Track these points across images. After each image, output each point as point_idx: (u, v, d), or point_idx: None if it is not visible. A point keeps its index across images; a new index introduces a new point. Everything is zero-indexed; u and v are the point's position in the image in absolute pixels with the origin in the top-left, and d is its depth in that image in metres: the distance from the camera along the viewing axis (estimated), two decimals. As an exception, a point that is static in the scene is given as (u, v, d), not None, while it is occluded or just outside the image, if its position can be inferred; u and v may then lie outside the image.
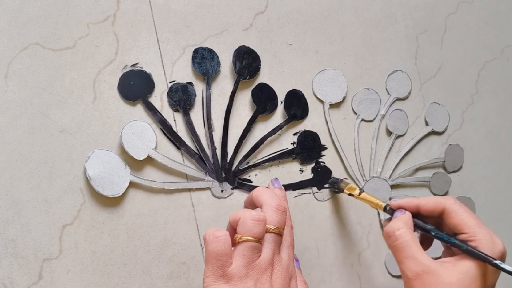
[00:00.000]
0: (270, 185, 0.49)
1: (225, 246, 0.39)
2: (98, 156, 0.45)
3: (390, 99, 0.59)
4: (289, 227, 0.44)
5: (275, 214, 0.41)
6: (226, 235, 0.39)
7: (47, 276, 0.43)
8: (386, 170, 0.58)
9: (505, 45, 0.68)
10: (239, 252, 0.39)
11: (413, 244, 0.43)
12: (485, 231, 0.43)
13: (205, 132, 0.50)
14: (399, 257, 0.44)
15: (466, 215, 0.44)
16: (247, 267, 0.39)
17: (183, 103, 0.49)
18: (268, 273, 0.40)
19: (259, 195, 0.43)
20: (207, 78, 0.50)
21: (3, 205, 0.42)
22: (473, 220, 0.43)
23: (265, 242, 0.40)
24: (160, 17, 0.49)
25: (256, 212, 0.40)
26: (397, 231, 0.44)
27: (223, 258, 0.38)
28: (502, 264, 0.40)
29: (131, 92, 0.47)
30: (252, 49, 0.52)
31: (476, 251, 0.41)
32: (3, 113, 0.43)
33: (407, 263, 0.43)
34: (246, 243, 0.39)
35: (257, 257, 0.39)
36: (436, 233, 0.45)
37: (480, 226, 0.43)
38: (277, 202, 0.42)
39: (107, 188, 0.45)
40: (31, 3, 0.44)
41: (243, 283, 0.38)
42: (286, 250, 0.42)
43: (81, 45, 0.45)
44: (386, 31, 0.60)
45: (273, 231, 0.41)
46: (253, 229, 0.39)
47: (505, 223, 0.66)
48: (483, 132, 0.66)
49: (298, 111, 0.54)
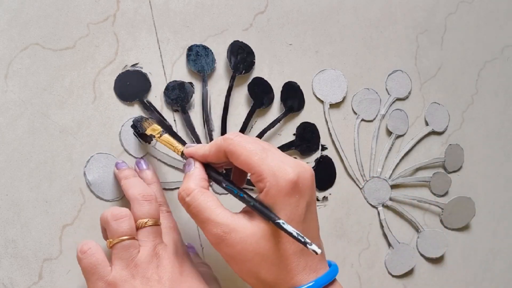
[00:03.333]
0: (136, 169, 0.45)
1: (95, 256, 0.38)
2: (97, 160, 0.45)
3: (390, 99, 0.59)
4: (165, 212, 0.43)
5: (143, 206, 0.40)
6: (93, 246, 0.38)
7: (47, 276, 0.43)
8: (386, 170, 0.58)
9: (505, 45, 0.68)
10: (115, 257, 0.38)
11: (207, 206, 0.37)
12: (268, 166, 0.36)
13: (204, 130, 0.50)
14: (198, 223, 0.38)
15: (247, 153, 0.37)
16: (128, 267, 0.38)
17: (181, 100, 0.49)
18: (154, 264, 0.38)
19: (124, 191, 0.42)
20: (203, 75, 0.50)
21: (3, 205, 0.42)
22: (255, 156, 0.36)
23: (141, 238, 0.39)
24: (160, 17, 0.49)
25: (117, 209, 0.39)
26: (187, 197, 0.38)
27: (99, 269, 0.37)
28: (285, 225, 0.34)
29: (128, 93, 0.47)
30: (246, 43, 0.52)
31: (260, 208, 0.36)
32: (3, 113, 0.43)
33: (207, 228, 0.37)
34: (118, 245, 0.38)
35: (135, 254, 0.38)
36: (227, 185, 0.39)
37: (263, 161, 0.36)
38: (141, 191, 0.40)
39: (107, 193, 0.45)
40: (31, 3, 0.44)
41: (129, 285, 0.37)
42: (168, 236, 0.41)
43: (81, 45, 0.45)
44: (386, 31, 0.60)
45: (146, 225, 0.39)
46: (119, 229, 0.38)
47: (505, 223, 0.66)
48: (483, 132, 0.66)
49: (295, 103, 0.54)
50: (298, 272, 0.36)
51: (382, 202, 0.58)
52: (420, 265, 0.60)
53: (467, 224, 0.63)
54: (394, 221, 0.58)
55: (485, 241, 0.64)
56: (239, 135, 0.38)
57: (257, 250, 0.35)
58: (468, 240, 0.63)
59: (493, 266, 0.65)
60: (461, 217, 0.62)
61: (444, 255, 0.61)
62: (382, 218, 0.58)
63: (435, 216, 0.61)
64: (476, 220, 0.63)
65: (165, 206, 0.44)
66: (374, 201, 0.57)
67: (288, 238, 0.35)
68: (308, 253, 0.36)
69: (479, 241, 0.64)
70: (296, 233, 0.34)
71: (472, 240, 0.63)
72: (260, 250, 0.35)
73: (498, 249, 0.65)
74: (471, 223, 0.63)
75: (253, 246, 0.35)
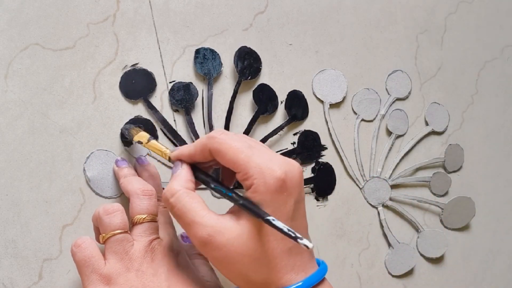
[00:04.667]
0: (136, 166, 0.45)
1: (89, 250, 0.37)
2: (97, 156, 0.45)
3: (390, 99, 0.59)
4: (162, 208, 0.43)
5: (142, 202, 0.40)
6: (88, 240, 0.38)
7: (47, 276, 0.43)
8: (386, 170, 0.58)
9: (505, 45, 0.68)
10: (109, 251, 0.38)
11: (192, 207, 0.36)
12: (255, 164, 0.35)
13: (206, 132, 0.50)
14: (182, 226, 0.37)
15: (232, 151, 0.36)
16: (123, 260, 0.37)
17: (185, 102, 0.49)
18: (148, 258, 0.38)
19: (124, 188, 0.42)
20: (208, 78, 0.50)
21: (3, 205, 0.42)
22: (241, 153, 0.35)
23: (138, 233, 0.39)
24: (160, 17, 0.49)
25: (109, 204, 0.39)
26: (171, 198, 0.37)
27: (92, 262, 0.37)
28: (275, 221, 0.33)
29: (133, 91, 0.47)
30: (253, 49, 0.52)
31: (249, 206, 0.35)
32: (3, 113, 0.43)
33: (192, 231, 0.36)
34: (112, 238, 0.38)
35: (129, 247, 0.38)
36: (215, 185, 0.38)
37: (249, 158, 0.35)
38: (141, 187, 0.40)
39: (106, 190, 0.45)
40: (31, 3, 0.44)
41: (123, 278, 0.37)
42: (164, 231, 0.41)
43: (81, 45, 0.45)
44: (386, 31, 0.60)
45: (144, 221, 0.39)
46: (111, 223, 0.38)
47: (505, 223, 0.66)
48: (483, 132, 0.66)
49: (298, 111, 0.54)
50: (287, 271, 0.35)
51: (382, 202, 0.58)
52: (420, 265, 0.60)
53: (467, 224, 0.63)
54: (394, 221, 0.58)
55: (485, 241, 0.64)
56: (224, 132, 0.37)
57: (245, 251, 0.35)
58: (468, 240, 0.63)
59: (493, 266, 0.65)
60: (461, 217, 0.62)
61: (444, 255, 0.61)
62: (382, 218, 0.58)
63: (435, 216, 0.61)
64: (476, 220, 0.63)
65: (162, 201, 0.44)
66: (374, 201, 0.57)
67: (276, 237, 0.35)
68: (296, 252, 0.36)
69: (479, 241, 0.64)
70: (286, 229, 0.33)
71: (472, 240, 0.63)
72: (248, 251, 0.35)
73: (498, 249, 0.65)
74: (471, 223, 0.63)
75: (240, 248, 0.35)
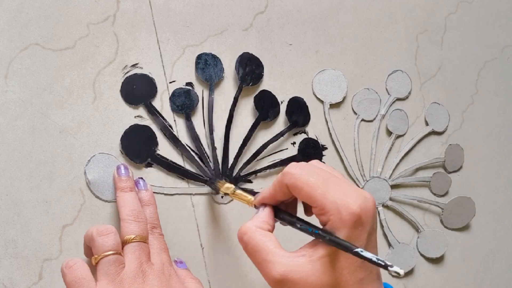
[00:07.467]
0: (135, 188, 0.46)
1: (80, 271, 0.38)
2: (99, 160, 0.45)
3: (390, 99, 0.59)
4: (157, 234, 0.43)
5: (131, 225, 0.41)
6: (79, 262, 0.39)
7: (47, 276, 0.43)
8: (386, 170, 0.58)
9: (505, 45, 0.68)
10: (100, 272, 0.38)
11: (265, 245, 0.36)
12: (331, 200, 0.35)
13: (206, 138, 0.49)
14: (256, 264, 0.37)
15: (308, 187, 0.36)
16: (113, 282, 0.38)
17: (186, 108, 0.48)
18: (139, 280, 0.39)
19: (117, 206, 0.43)
20: (210, 84, 0.50)
21: (3, 205, 0.42)
22: (317, 189, 0.36)
23: (127, 253, 0.40)
24: (160, 17, 0.49)
25: (102, 226, 0.40)
26: (244, 236, 0.37)
27: (83, 283, 0.38)
28: (363, 252, 0.34)
29: (134, 96, 0.47)
30: (255, 56, 0.52)
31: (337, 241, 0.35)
32: (3, 113, 0.43)
33: (265, 270, 0.36)
34: (104, 260, 0.38)
35: (121, 269, 0.39)
36: (301, 225, 0.38)
37: (325, 194, 0.36)
38: (132, 212, 0.41)
39: (106, 193, 0.45)
40: (31, 3, 0.44)
41: None
42: (157, 256, 0.42)
43: (81, 45, 0.45)
44: (386, 31, 0.60)
45: (133, 241, 0.40)
46: (104, 244, 0.39)
47: (505, 223, 0.66)
48: (483, 132, 0.66)
49: (300, 118, 0.54)
50: None
51: (382, 202, 0.58)
52: (420, 265, 0.60)
53: (467, 224, 0.63)
54: (394, 221, 0.58)
55: (485, 241, 0.64)
56: (298, 167, 0.38)
57: (320, 286, 0.35)
58: (468, 240, 0.63)
59: (493, 266, 0.65)
60: (461, 217, 0.62)
61: (444, 255, 0.61)
62: (382, 218, 0.58)
63: (435, 216, 0.61)
64: (476, 220, 0.63)
65: (158, 228, 0.44)
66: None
67: (349, 270, 0.36)
68: (367, 282, 0.37)
69: (479, 241, 0.64)
70: (375, 258, 0.34)
71: (472, 240, 0.63)
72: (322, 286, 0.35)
73: (498, 249, 0.65)
74: (471, 223, 0.63)
75: (315, 284, 0.35)
